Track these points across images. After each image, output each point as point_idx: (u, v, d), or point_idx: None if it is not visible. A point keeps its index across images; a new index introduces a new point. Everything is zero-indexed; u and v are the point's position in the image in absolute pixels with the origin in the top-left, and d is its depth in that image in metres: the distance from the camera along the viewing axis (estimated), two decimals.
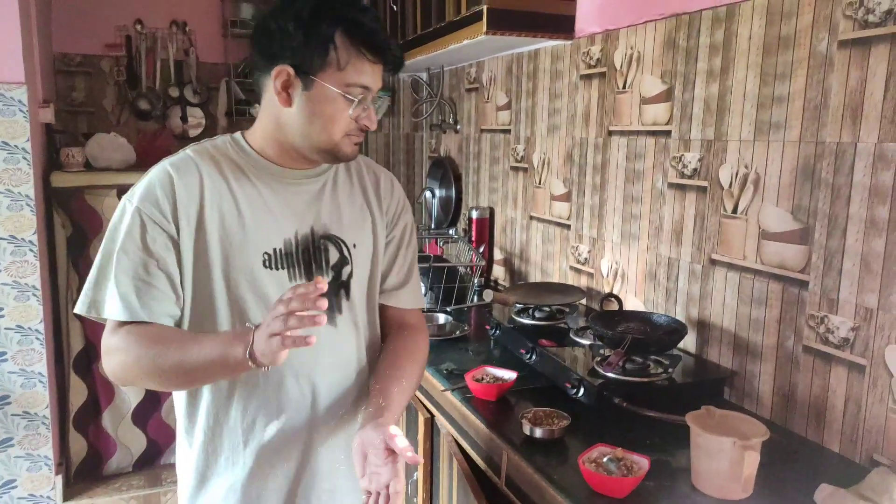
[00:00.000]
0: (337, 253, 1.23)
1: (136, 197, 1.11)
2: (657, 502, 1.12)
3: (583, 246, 2.24)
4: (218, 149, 1.19)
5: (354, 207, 1.27)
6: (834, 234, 1.37)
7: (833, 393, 1.38)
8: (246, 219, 1.15)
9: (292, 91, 1.09)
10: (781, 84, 1.48)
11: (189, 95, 3.29)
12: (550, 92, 2.39)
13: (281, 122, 1.14)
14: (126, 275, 1.09)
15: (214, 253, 1.13)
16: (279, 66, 1.08)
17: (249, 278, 1.14)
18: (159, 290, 1.10)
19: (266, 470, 1.20)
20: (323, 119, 1.11)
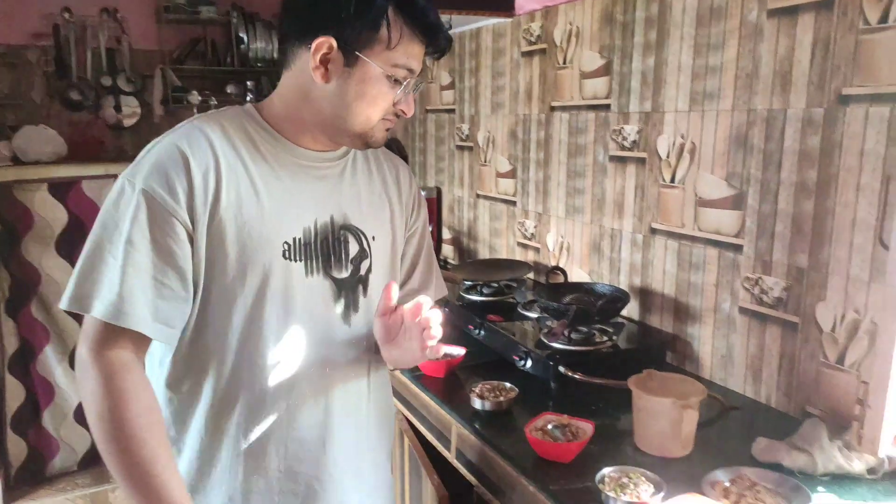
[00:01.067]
0: (357, 245, 1.11)
1: (141, 177, 0.94)
2: (601, 464, 1.14)
3: (529, 221, 2.25)
4: (231, 122, 1.03)
5: (374, 197, 1.15)
6: (766, 199, 1.41)
7: (768, 351, 1.43)
8: (265, 204, 1.01)
9: (331, 66, 0.97)
10: (714, 54, 1.51)
11: (123, 84, 3.16)
12: (493, 70, 2.39)
13: (312, 98, 1.01)
14: (133, 270, 0.92)
15: (231, 243, 0.98)
16: (321, 37, 0.96)
17: (267, 271, 1.01)
18: (172, 291, 0.95)
19: (272, 480, 1.07)
20: (364, 100, 1.00)
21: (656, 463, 1.19)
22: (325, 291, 1.07)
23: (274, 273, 1.01)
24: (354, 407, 1.13)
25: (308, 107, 1.02)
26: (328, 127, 1.03)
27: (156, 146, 0.98)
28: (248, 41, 3.16)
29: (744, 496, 1.03)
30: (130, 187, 0.94)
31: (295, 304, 1.04)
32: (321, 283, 1.06)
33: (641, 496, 1.04)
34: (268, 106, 1.07)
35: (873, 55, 1.20)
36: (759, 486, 1.07)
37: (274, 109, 1.06)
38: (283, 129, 1.05)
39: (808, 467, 1.12)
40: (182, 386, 1.02)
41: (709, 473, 1.10)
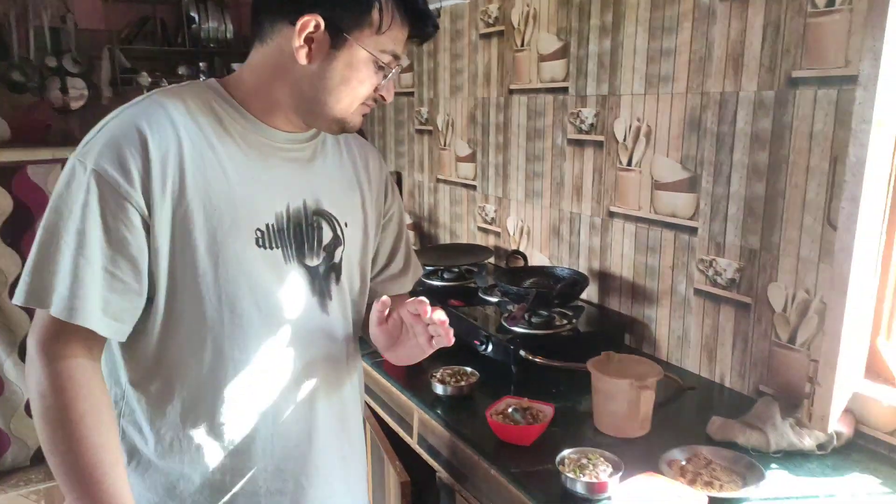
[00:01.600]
0: (330, 232, 1.06)
1: (92, 156, 0.86)
2: (561, 446, 1.15)
3: (489, 206, 2.25)
4: (195, 97, 0.96)
5: (345, 182, 1.10)
6: (719, 181, 1.43)
7: (722, 331, 1.46)
8: (235, 188, 0.94)
9: (315, 46, 0.92)
10: (668, 37, 1.52)
11: (69, 65, 3.05)
12: (451, 52, 2.37)
13: (290, 77, 0.95)
14: (84, 261, 0.86)
15: (199, 231, 0.92)
16: (308, 14, 0.90)
17: (240, 259, 0.95)
18: (124, 284, 0.88)
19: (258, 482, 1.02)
20: (349, 85, 0.95)
21: (615, 443, 1.20)
22: (302, 280, 1.02)
23: (248, 262, 0.95)
24: (337, 396, 1.10)
25: (284, 86, 0.96)
26: (305, 109, 0.98)
27: (110, 122, 0.90)
28: (199, 21, 3.07)
29: (700, 474, 1.06)
30: (81, 168, 0.86)
31: (273, 294, 0.98)
32: (297, 271, 1.01)
33: (600, 476, 1.06)
34: (236, 82, 0.99)
35: (821, 38, 1.22)
36: (715, 463, 1.10)
37: (243, 86, 0.98)
38: (253, 108, 0.98)
39: (762, 445, 1.15)
40: (150, 385, 0.95)
41: (666, 452, 1.13)
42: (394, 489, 1.48)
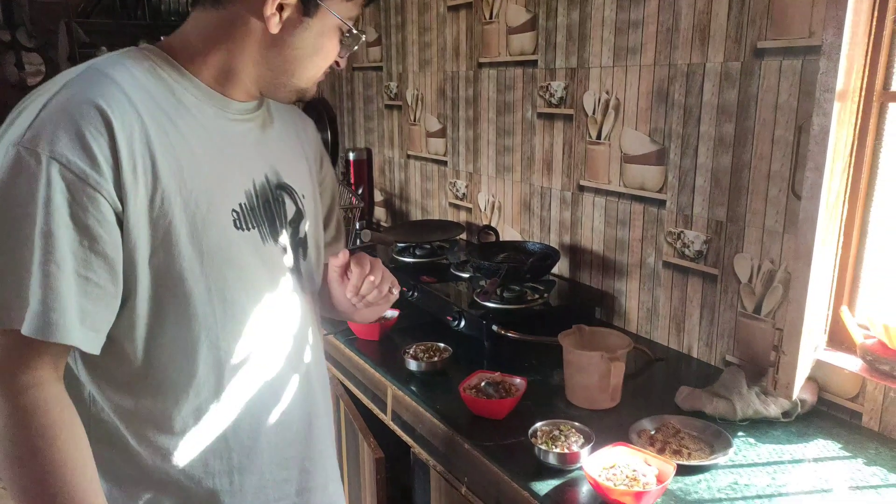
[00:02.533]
0: (293, 205, 1.00)
1: (43, 143, 0.74)
2: (533, 418, 1.16)
3: (460, 181, 2.24)
4: (138, 65, 0.84)
5: (293, 152, 1.04)
6: (687, 154, 1.44)
7: (690, 303, 1.48)
8: (204, 167, 0.86)
9: (285, 14, 0.86)
10: (636, 8, 1.51)
11: (23, 39, 2.95)
12: (419, 25, 2.34)
13: (255, 47, 0.88)
14: (55, 267, 0.74)
15: (179, 219, 0.82)
16: None
17: (223, 245, 0.87)
18: (100, 288, 0.78)
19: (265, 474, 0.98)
20: (319, 54, 0.91)
21: (586, 415, 1.22)
22: (280, 260, 0.97)
23: (232, 248, 0.89)
24: (321, 374, 1.07)
25: (245, 55, 0.88)
26: (269, 79, 0.91)
27: (53, 100, 0.76)
28: None
29: (668, 443, 1.08)
30: (32, 158, 0.73)
31: (260, 279, 0.93)
32: (274, 250, 0.95)
33: (572, 448, 1.07)
34: (182, 47, 0.89)
35: (786, 9, 1.22)
36: (683, 432, 1.12)
37: (191, 52, 0.88)
38: (204, 76, 0.89)
39: (729, 413, 1.17)
40: (137, 399, 0.87)
41: (635, 423, 1.15)
42: (368, 465, 1.49)
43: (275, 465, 0.98)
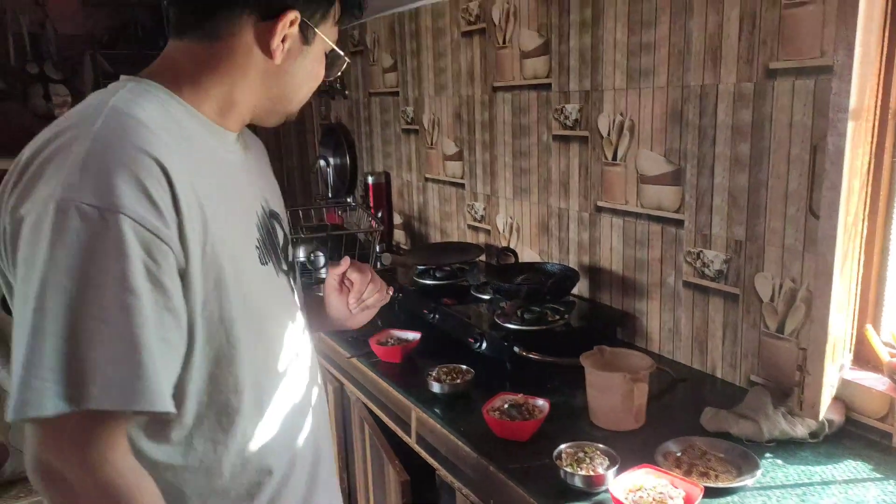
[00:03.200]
0: (282, 232, 0.99)
1: (113, 200, 0.68)
2: (557, 441, 1.17)
3: (478, 203, 2.26)
4: (157, 108, 0.80)
5: (268, 175, 1.05)
6: (703, 174, 1.45)
7: (712, 323, 1.48)
8: (228, 206, 0.84)
9: (287, 43, 0.86)
10: (647, 31, 1.53)
11: (50, 71, 3.03)
12: (435, 51, 2.38)
13: (256, 77, 0.87)
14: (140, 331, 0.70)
15: (226, 264, 0.80)
16: (290, 11, 0.83)
17: (257, 283, 0.87)
18: (172, 346, 0.75)
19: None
20: (314, 79, 0.92)
21: (610, 437, 1.22)
22: (287, 290, 0.97)
23: (265, 285, 0.89)
24: (322, 399, 1.07)
25: (248, 86, 0.87)
26: (267, 107, 0.91)
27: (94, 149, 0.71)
28: None
29: (695, 465, 1.08)
30: (100, 215, 0.67)
31: (281, 312, 0.94)
32: (283, 282, 0.96)
33: (597, 470, 1.07)
34: (175, 79, 0.84)
35: (797, 29, 1.24)
36: (710, 454, 1.12)
37: (189, 84, 0.85)
38: (205, 110, 0.87)
39: (755, 434, 1.17)
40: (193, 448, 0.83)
41: (661, 445, 1.15)
42: (394, 488, 1.50)
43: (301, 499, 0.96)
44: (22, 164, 0.73)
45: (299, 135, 3.62)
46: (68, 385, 0.67)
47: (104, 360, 0.68)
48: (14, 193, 0.71)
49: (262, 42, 0.84)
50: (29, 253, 0.68)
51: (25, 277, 0.68)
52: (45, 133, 0.76)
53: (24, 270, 0.69)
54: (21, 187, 0.71)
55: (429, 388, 1.45)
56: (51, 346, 0.67)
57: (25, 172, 0.72)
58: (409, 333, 1.69)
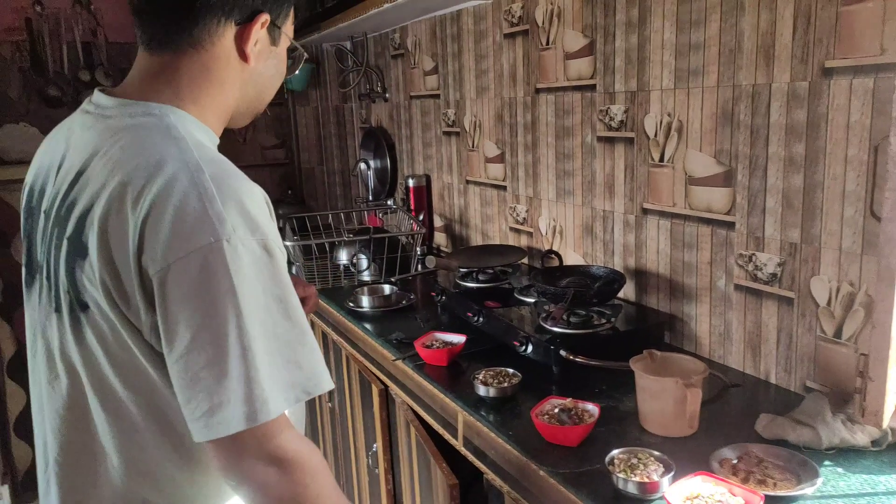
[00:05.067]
0: None
1: (263, 231, 0.80)
2: (608, 446, 1.16)
3: (520, 206, 2.26)
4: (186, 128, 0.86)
5: None
6: (756, 175, 1.42)
7: (765, 327, 1.45)
8: None
9: (260, 45, 0.90)
10: (697, 30, 1.51)
11: (101, 78, 3.12)
12: (476, 53, 2.38)
13: (237, 81, 0.91)
14: (300, 331, 0.82)
15: None
16: (262, 13, 0.88)
17: None
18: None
19: None
20: (279, 76, 0.97)
21: (662, 443, 1.21)
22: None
23: None
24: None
25: (233, 92, 0.92)
26: (244, 110, 0.96)
27: (226, 191, 0.79)
28: None
29: (752, 472, 1.06)
30: (261, 247, 0.79)
31: None
32: None
33: (651, 476, 1.06)
34: (184, 99, 0.89)
35: (855, 27, 1.21)
36: (767, 461, 1.09)
37: (196, 103, 0.89)
38: (211, 124, 0.92)
39: (813, 442, 1.14)
40: None
41: (716, 451, 1.13)
42: (441, 492, 1.50)
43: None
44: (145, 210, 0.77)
45: (339, 138, 3.66)
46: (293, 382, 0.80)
47: (306, 360, 0.83)
48: (153, 240, 0.76)
49: (238, 46, 0.89)
50: (203, 290, 0.75)
51: (207, 311, 0.75)
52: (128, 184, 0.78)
53: (198, 305, 0.75)
54: (159, 234, 0.76)
55: (475, 391, 1.45)
56: (256, 359, 0.77)
57: (153, 217, 0.76)
58: (454, 336, 1.69)
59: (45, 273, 0.88)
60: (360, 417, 2.07)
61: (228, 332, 0.75)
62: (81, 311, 0.82)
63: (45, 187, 0.90)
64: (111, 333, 0.81)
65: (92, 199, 0.80)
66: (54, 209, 0.86)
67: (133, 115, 0.85)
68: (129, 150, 0.81)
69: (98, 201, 0.79)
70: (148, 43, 0.89)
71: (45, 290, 0.88)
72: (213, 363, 0.75)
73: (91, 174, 0.82)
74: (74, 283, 0.81)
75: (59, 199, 0.86)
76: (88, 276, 0.80)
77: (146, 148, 0.81)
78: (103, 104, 0.89)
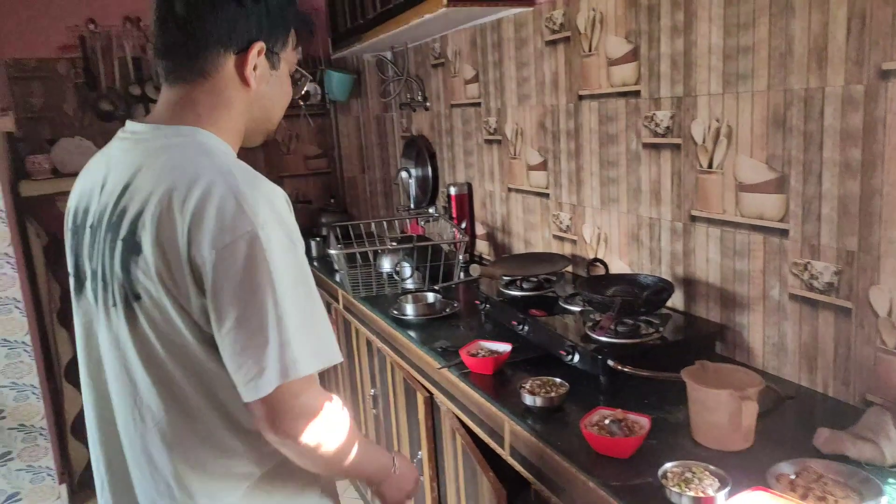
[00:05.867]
0: None
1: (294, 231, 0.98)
2: (661, 459, 1.14)
3: (563, 214, 2.25)
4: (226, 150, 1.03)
5: None
6: (810, 181, 1.39)
7: (822, 338, 1.41)
8: None
9: (259, 70, 1.04)
10: (745, 34, 1.48)
11: (151, 93, 3.22)
12: (517, 61, 2.38)
13: (243, 104, 1.05)
14: (322, 309, 1.00)
15: None
16: (257, 42, 1.02)
17: None
18: None
19: None
20: (286, 97, 1.12)
21: (716, 456, 1.18)
22: None
23: None
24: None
25: (241, 113, 1.06)
26: (254, 129, 1.10)
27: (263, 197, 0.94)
28: None
29: (811, 489, 1.03)
30: (287, 238, 0.94)
31: None
32: None
33: (707, 491, 1.04)
34: (205, 123, 1.02)
35: None
36: (826, 478, 1.06)
37: (214, 125, 1.03)
38: (230, 143, 1.06)
39: (876, 458, 1.11)
40: None
41: (772, 466, 1.10)
42: (489, 501, 1.50)
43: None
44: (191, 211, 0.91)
45: (381, 148, 3.70)
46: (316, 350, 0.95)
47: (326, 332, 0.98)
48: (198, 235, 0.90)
49: (239, 72, 1.02)
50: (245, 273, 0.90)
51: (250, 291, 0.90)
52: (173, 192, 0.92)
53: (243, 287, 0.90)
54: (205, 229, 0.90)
55: (522, 400, 1.45)
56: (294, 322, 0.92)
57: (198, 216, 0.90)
58: (499, 345, 1.69)
59: (99, 275, 0.99)
60: (405, 425, 2.08)
61: (268, 308, 0.90)
62: (135, 301, 0.94)
63: (90, 206, 1.03)
64: (162, 318, 0.94)
65: (142, 205, 0.93)
66: (105, 218, 0.98)
67: (167, 136, 1.00)
68: (170, 164, 0.95)
69: (147, 207, 0.92)
70: (167, 78, 1.03)
71: (101, 290, 0.99)
72: (257, 334, 0.90)
73: (137, 185, 0.95)
74: (129, 277, 0.94)
75: (108, 209, 0.98)
76: (143, 270, 0.92)
77: (184, 162, 0.95)
78: (138, 130, 1.03)
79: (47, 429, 2.70)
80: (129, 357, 0.98)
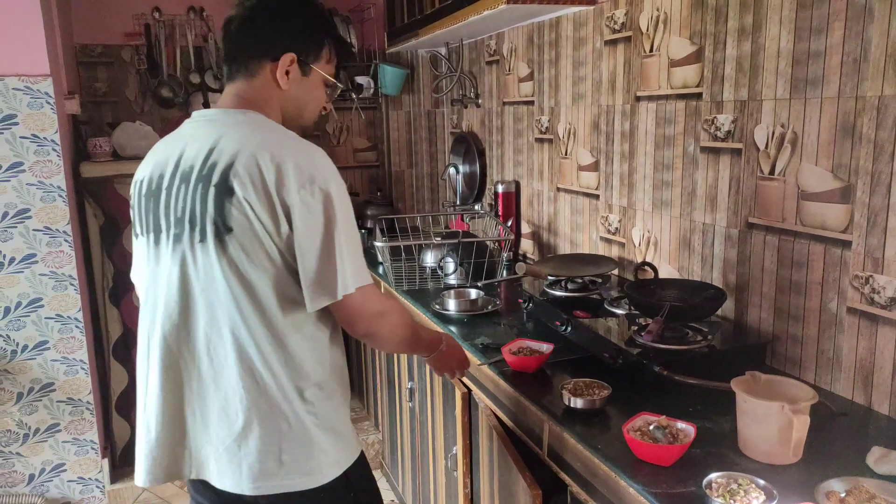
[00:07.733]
0: None
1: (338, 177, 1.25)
2: (705, 469, 1.11)
3: (613, 216, 2.21)
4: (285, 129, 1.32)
5: None
6: (877, 192, 1.33)
7: (880, 354, 1.35)
8: None
9: (291, 75, 1.30)
10: (817, 39, 1.43)
11: (210, 81, 3.29)
12: (574, 60, 2.35)
13: (279, 102, 1.33)
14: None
15: None
16: (288, 53, 1.29)
17: None
18: None
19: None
20: (316, 100, 1.38)
21: (763, 469, 1.15)
22: None
23: None
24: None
25: (277, 108, 1.33)
26: (291, 124, 1.34)
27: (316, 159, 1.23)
28: None
29: None
30: (341, 189, 1.24)
31: None
32: None
33: None
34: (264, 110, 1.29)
35: None
36: (880, 498, 1.02)
37: (264, 112, 1.29)
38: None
39: None
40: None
41: (822, 483, 1.06)
42: (524, 501, 1.48)
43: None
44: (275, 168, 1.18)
45: (430, 143, 3.70)
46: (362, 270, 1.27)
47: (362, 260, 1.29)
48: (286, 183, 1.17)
49: (273, 76, 1.30)
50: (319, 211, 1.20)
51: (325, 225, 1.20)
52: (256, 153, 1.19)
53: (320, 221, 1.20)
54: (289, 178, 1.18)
55: (563, 401, 1.43)
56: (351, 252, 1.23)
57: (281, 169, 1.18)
58: (541, 344, 1.67)
59: (187, 219, 1.22)
60: (441, 420, 2.07)
61: (337, 238, 1.20)
62: (227, 233, 1.19)
63: (164, 173, 1.27)
64: (251, 244, 1.19)
65: (231, 158, 1.18)
66: (194, 174, 1.22)
67: (235, 116, 1.28)
68: (248, 130, 1.24)
69: (237, 160, 1.18)
70: (228, 77, 1.33)
71: (187, 231, 1.22)
72: (331, 256, 1.20)
73: (223, 147, 1.21)
74: (223, 214, 1.18)
75: (197, 166, 1.22)
76: (237, 207, 1.17)
77: (257, 131, 1.24)
78: (208, 114, 1.31)
79: (94, 404, 2.78)
80: (215, 276, 1.21)
